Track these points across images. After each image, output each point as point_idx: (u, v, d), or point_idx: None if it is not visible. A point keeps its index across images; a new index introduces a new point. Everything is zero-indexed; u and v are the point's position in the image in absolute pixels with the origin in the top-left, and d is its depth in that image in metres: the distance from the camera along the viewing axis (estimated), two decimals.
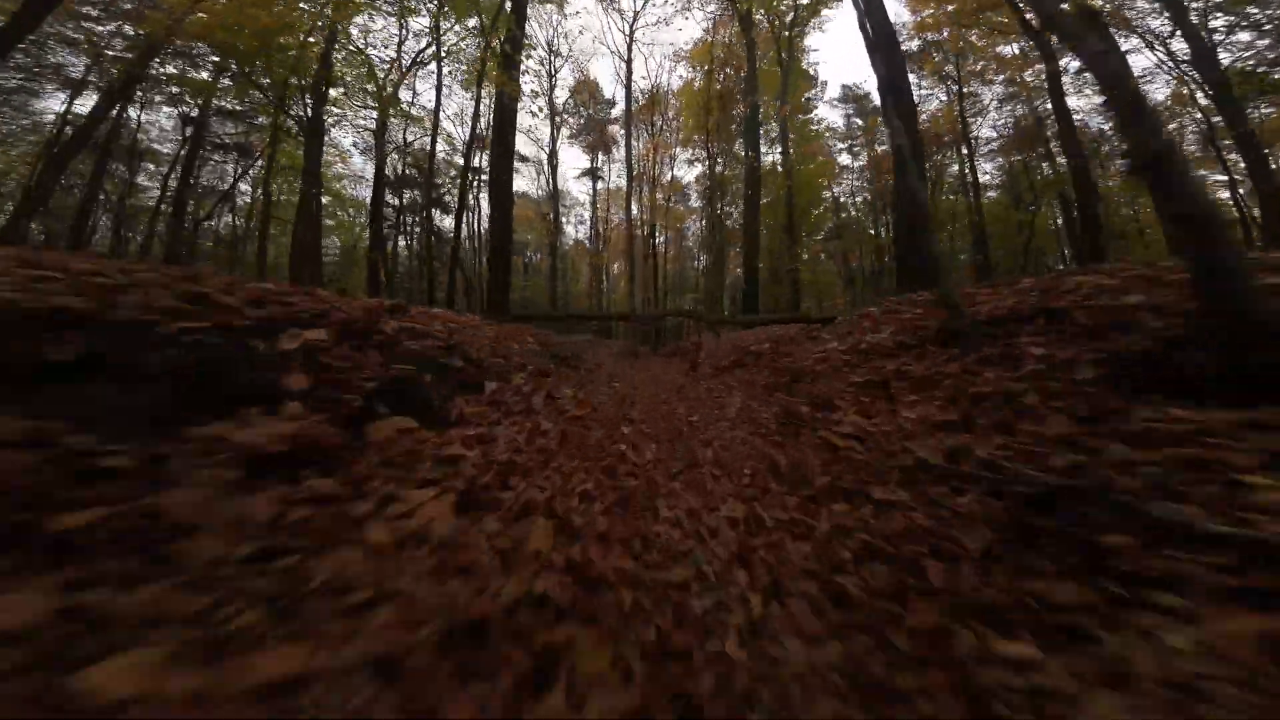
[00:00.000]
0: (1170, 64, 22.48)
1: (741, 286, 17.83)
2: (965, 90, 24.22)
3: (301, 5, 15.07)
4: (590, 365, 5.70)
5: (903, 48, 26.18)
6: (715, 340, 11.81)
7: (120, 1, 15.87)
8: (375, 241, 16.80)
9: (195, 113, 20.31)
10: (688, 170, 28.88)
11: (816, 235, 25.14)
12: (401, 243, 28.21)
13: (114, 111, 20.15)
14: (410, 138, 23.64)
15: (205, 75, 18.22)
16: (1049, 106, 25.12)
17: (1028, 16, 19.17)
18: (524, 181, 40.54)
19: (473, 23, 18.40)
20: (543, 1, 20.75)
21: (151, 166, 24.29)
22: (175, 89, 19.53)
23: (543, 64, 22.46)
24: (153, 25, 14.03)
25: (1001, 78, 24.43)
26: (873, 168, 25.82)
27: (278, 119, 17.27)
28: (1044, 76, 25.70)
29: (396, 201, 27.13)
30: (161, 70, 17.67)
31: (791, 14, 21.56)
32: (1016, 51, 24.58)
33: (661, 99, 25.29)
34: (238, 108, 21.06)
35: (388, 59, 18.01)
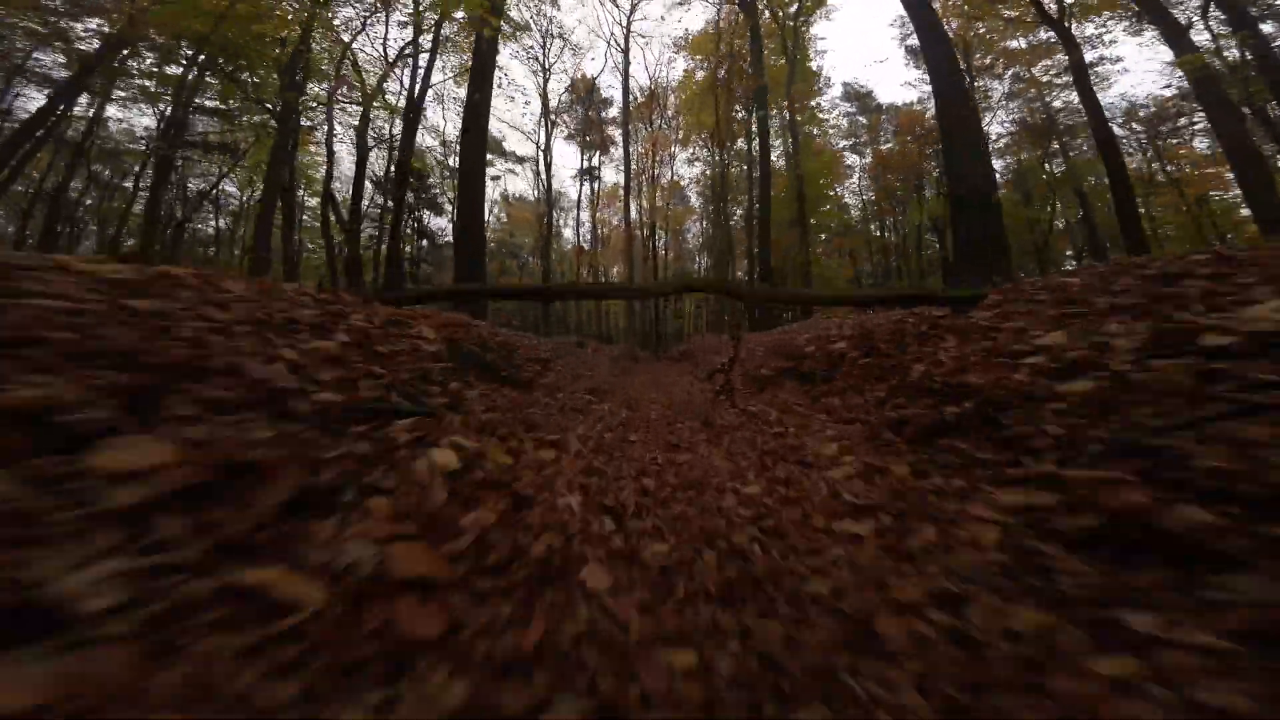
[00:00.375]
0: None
1: (751, 281, 15.53)
2: (975, 85, 22.03)
3: None
4: (561, 378, 3.38)
5: (909, 42, 24.12)
6: (730, 339, 9.50)
7: None
8: (353, 238, 14.55)
9: (167, 111, 18.08)
10: (687, 169, 26.68)
11: (821, 234, 22.89)
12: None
13: (85, 109, 17.89)
14: (398, 133, 21.36)
15: (181, 72, 15.99)
16: (1059, 102, 23.07)
17: (1047, 5, 16.96)
18: (520, 183, 38.10)
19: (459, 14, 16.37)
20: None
21: (137, 167, 22.01)
22: (147, 83, 17.17)
23: (536, 49, 20.24)
24: (123, 18, 12.00)
25: (1010, 73, 22.29)
26: (878, 167, 23.60)
27: (249, 112, 15.18)
28: (1053, 72, 23.62)
29: (388, 203, 24.88)
30: (133, 64, 15.46)
31: (796, 4, 19.45)
32: (1024, 45, 22.49)
33: (661, 95, 23.12)
34: (221, 106, 18.60)
35: (372, 54, 15.91)
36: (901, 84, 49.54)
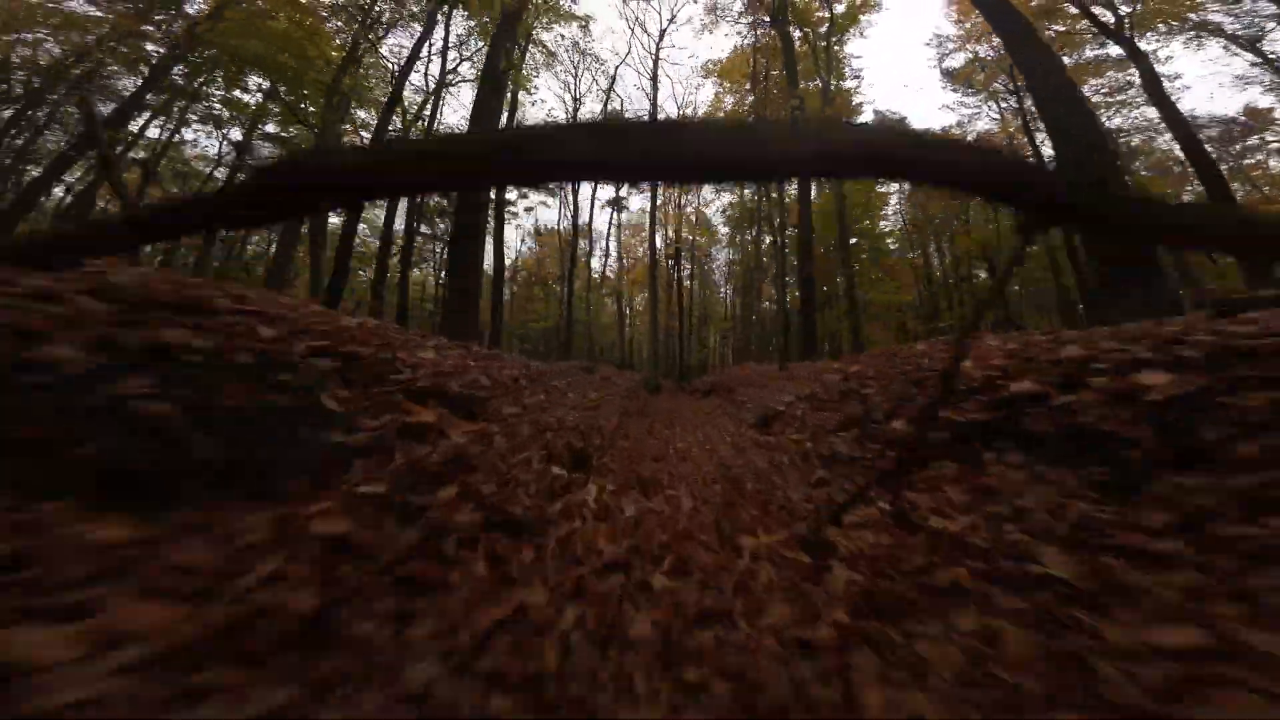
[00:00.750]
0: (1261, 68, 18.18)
1: (784, 311, 13.64)
2: (1022, 106, 20.11)
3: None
4: (503, 438, 1.63)
5: (945, 64, 22.52)
6: (774, 365, 7.54)
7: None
8: (382, 266, 13.45)
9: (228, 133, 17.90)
10: (715, 197, 25.40)
11: (857, 258, 20.85)
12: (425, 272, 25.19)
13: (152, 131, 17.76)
14: None
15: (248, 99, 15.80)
16: (1117, 120, 20.92)
17: (1104, 18, 15.15)
18: (551, 213, 37.76)
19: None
20: (563, 21, 17.97)
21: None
22: (217, 107, 16.79)
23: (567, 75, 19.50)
24: (190, 36, 11.85)
25: None
26: (916, 192, 21.66)
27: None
28: (1104, 91, 21.53)
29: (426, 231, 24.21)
30: (202, 86, 15.22)
31: (826, 25, 18.25)
32: (1069, 63, 20.51)
33: None
34: (282, 134, 18.32)
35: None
36: (939, 107, 47.04)
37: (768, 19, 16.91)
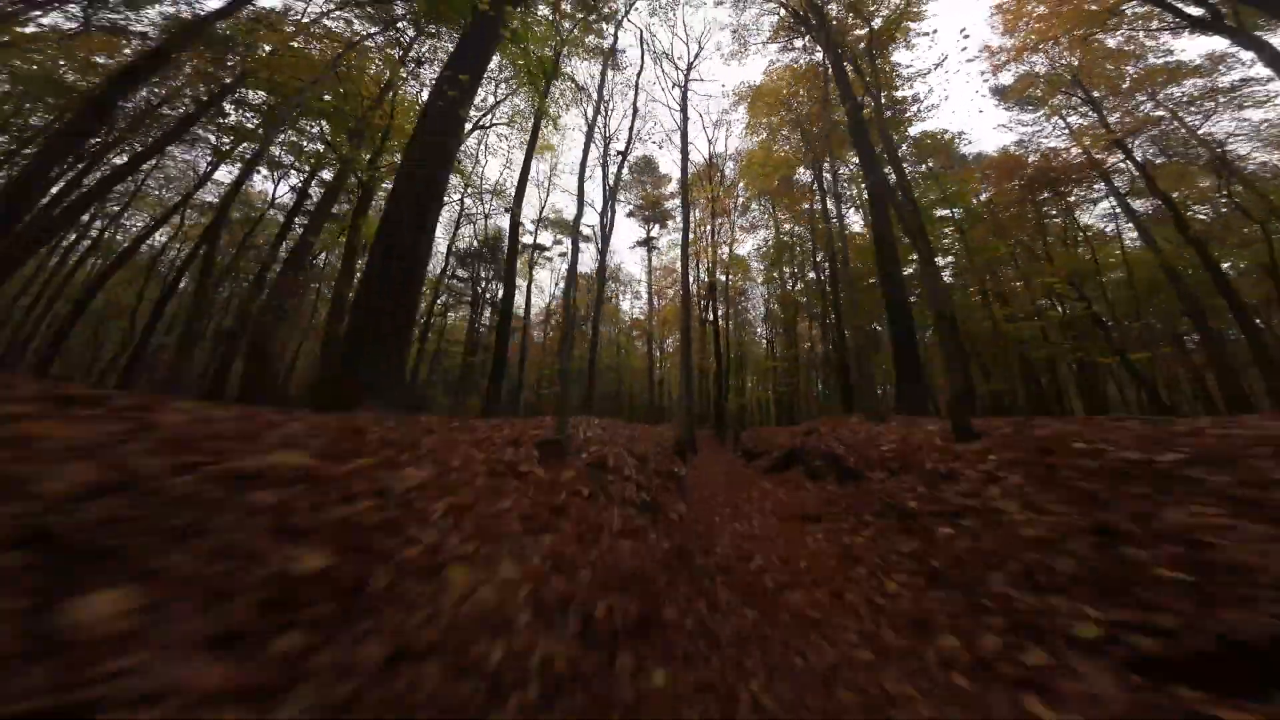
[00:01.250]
0: None
1: (833, 347, 11.03)
2: (1100, 119, 17.43)
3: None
4: None
5: (997, 79, 20.31)
6: (870, 420, 4.91)
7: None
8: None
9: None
10: (750, 236, 23.57)
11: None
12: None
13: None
14: (475, 207, 19.90)
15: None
16: (1217, 127, 17.90)
17: (1199, 13, 12.54)
18: (584, 259, 36.73)
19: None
20: (590, 58, 17.14)
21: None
22: (275, 152, 15.99)
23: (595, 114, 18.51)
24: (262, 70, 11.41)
25: (1142, 100, 17.60)
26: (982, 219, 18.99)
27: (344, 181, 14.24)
28: (1186, 98, 18.56)
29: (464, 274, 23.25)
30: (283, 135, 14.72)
31: (864, 43, 16.63)
32: (1137, 71, 17.76)
33: (719, 161, 20.64)
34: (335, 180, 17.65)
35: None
36: (994, 127, 44.10)
37: (800, 40, 15.46)
